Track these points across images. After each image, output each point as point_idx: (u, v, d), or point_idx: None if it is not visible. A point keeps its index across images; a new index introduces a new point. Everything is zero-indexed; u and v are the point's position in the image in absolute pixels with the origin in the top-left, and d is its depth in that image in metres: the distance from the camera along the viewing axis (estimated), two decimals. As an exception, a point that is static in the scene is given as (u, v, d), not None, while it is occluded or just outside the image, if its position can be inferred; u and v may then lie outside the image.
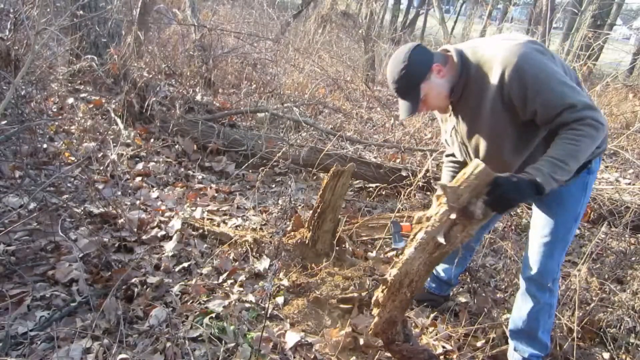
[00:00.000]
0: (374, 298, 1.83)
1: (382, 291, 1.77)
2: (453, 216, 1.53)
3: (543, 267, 1.84)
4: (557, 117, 1.54)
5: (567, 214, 1.83)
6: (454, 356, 2.06)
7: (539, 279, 1.86)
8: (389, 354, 1.87)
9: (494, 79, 1.61)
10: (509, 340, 2.04)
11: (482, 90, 1.66)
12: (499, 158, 1.72)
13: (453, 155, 2.06)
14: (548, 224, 1.83)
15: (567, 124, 1.53)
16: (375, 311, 1.82)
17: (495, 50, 1.63)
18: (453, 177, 2.03)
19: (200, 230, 2.66)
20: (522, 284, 1.94)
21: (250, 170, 3.61)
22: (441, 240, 1.55)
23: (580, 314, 2.30)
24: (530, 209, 3.12)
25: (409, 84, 1.70)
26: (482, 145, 1.76)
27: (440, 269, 2.35)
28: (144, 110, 3.81)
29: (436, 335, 2.17)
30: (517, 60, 1.55)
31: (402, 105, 1.77)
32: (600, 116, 1.54)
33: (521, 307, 1.94)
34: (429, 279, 2.39)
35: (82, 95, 4.25)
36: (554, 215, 1.83)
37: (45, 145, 3.16)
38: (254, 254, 2.51)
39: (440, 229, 1.55)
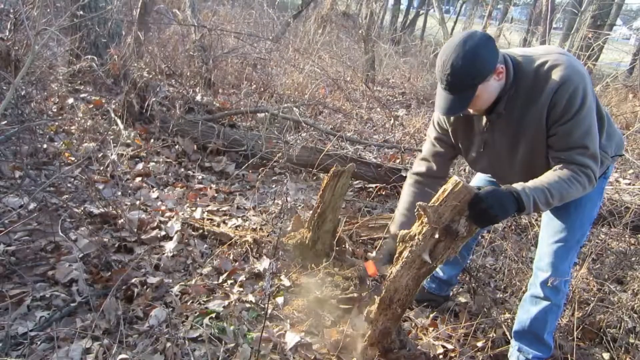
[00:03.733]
0: (364, 313, 1.83)
1: (373, 307, 1.76)
2: (436, 236, 1.51)
3: (557, 269, 1.84)
4: (568, 150, 1.56)
5: (584, 218, 1.84)
6: (454, 356, 2.06)
7: (552, 281, 1.85)
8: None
9: (547, 91, 1.53)
10: (512, 341, 2.03)
11: (530, 101, 1.58)
12: (533, 174, 1.62)
13: (422, 174, 1.94)
14: (564, 227, 1.83)
15: (570, 162, 1.56)
16: (367, 325, 1.82)
17: (556, 63, 1.55)
18: (414, 197, 1.91)
19: (200, 231, 2.66)
20: (532, 286, 1.92)
21: (250, 171, 3.61)
22: (427, 258, 1.53)
23: (580, 314, 2.30)
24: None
25: (469, 81, 1.49)
26: (520, 160, 1.69)
27: (440, 269, 2.35)
28: (144, 111, 3.81)
29: (436, 335, 2.16)
30: (575, 84, 1.52)
31: (447, 99, 1.53)
32: (598, 173, 1.59)
33: (530, 308, 1.92)
34: (429, 279, 2.39)
35: (82, 95, 4.25)
36: (571, 219, 1.82)
37: (45, 146, 3.16)
38: (253, 254, 2.51)
39: (425, 248, 1.54)
